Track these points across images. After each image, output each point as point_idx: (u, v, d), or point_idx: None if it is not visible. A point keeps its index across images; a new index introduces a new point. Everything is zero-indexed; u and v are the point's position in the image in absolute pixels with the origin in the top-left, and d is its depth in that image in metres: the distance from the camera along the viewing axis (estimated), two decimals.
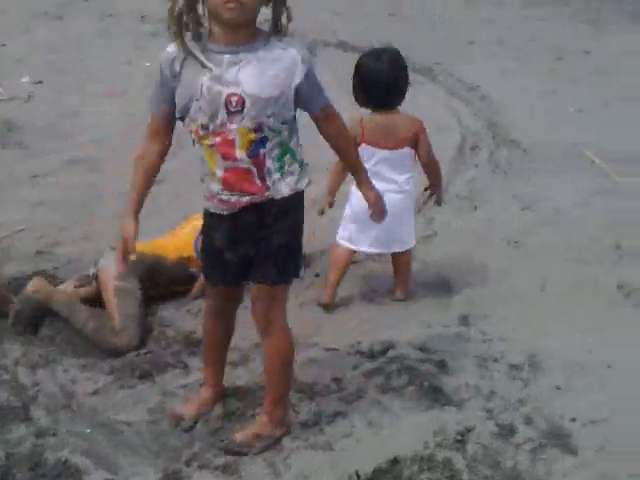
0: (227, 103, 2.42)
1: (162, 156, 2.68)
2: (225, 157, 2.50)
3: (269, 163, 2.53)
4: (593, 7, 10.05)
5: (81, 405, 2.92)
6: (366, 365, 3.24)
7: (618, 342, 3.39)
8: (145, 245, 3.61)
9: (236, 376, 3.13)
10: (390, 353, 3.32)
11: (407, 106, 3.90)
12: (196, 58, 2.42)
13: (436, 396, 3.04)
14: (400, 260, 3.78)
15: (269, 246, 2.63)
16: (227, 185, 2.54)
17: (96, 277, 3.54)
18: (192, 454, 2.70)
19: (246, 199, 2.56)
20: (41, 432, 2.70)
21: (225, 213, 2.60)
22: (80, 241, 4.17)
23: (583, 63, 7.65)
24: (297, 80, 2.48)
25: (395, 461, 2.67)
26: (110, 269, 3.43)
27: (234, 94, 2.41)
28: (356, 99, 3.60)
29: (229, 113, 2.43)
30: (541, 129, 5.90)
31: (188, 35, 2.43)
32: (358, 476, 2.62)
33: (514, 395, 3.06)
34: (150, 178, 2.69)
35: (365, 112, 3.62)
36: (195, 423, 2.85)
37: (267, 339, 2.76)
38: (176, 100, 2.49)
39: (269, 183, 2.56)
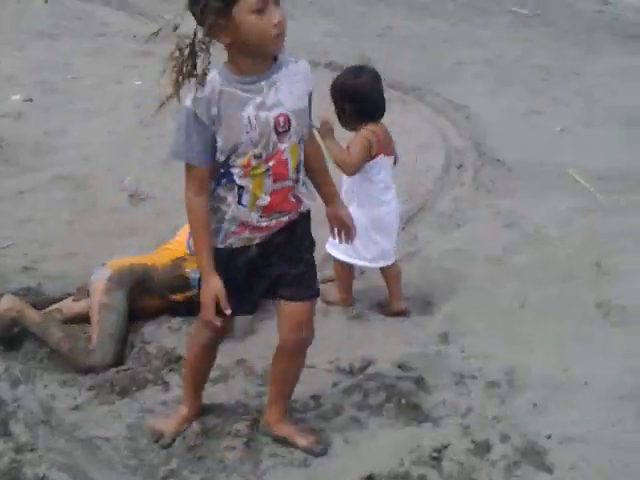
0: (276, 125, 2.44)
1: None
2: (277, 179, 2.51)
3: (301, 176, 2.59)
4: (582, 29, 10.16)
5: (60, 421, 2.94)
6: (345, 382, 3.27)
7: (595, 360, 3.42)
8: (135, 258, 3.72)
9: (215, 393, 3.16)
10: (369, 370, 3.35)
11: (394, 125, 3.97)
12: (234, 94, 2.40)
13: (413, 413, 3.07)
14: (395, 270, 3.84)
15: (302, 262, 2.68)
16: (270, 209, 2.54)
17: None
18: (169, 471, 2.73)
19: (285, 219, 2.59)
20: (20, 447, 2.71)
21: (257, 241, 2.60)
22: (66, 257, 4.21)
23: (569, 84, 7.72)
24: (310, 88, 2.56)
25: (370, 478, 2.70)
26: (98, 284, 3.47)
27: (280, 114, 2.44)
28: (346, 122, 3.65)
29: (278, 134, 2.46)
30: (525, 148, 5.95)
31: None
32: None
33: (491, 412, 3.08)
34: (210, 230, 2.56)
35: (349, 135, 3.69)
36: (173, 440, 2.87)
37: (302, 356, 2.89)
38: (220, 143, 2.43)
39: (301, 198, 2.62)
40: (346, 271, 3.84)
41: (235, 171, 2.47)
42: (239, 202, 2.51)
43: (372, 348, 3.53)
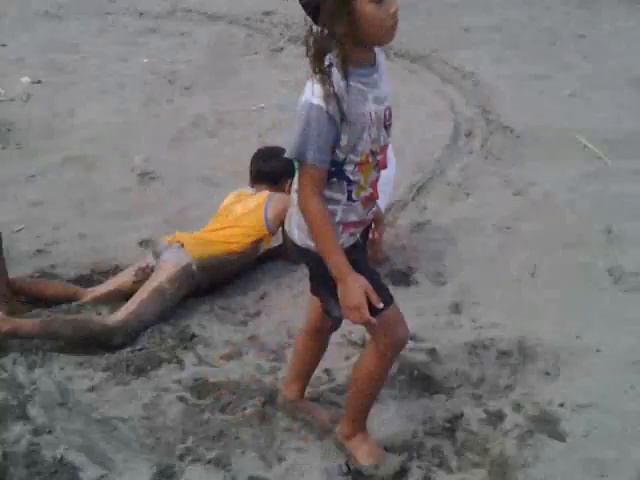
0: (385, 119, 2.37)
1: None
2: (379, 169, 2.45)
3: None
4: None
5: (77, 402, 2.98)
6: (356, 355, 3.29)
7: (607, 327, 3.43)
8: (210, 239, 3.70)
9: (229, 369, 3.19)
10: None
11: (401, 95, 3.91)
12: (358, 88, 2.27)
13: (426, 384, 3.09)
14: None
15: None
16: (369, 199, 2.46)
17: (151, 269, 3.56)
18: (185, 448, 2.75)
19: (374, 209, 2.56)
20: (38, 430, 2.77)
21: (356, 238, 2.51)
22: (78, 239, 4.21)
23: (577, 47, 7.64)
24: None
25: (385, 450, 2.72)
26: (170, 267, 3.48)
27: (387, 107, 2.37)
28: None
29: (386, 127, 2.39)
30: (534, 114, 5.92)
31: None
32: (348, 466, 2.67)
33: (503, 382, 3.11)
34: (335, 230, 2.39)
35: None
36: None
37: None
38: (344, 142, 2.27)
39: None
40: None
41: (349, 168, 2.33)
42: (349, 198, 2.39)
43: None
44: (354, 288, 2.29)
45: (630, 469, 2.67)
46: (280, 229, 3.82)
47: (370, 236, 2.90)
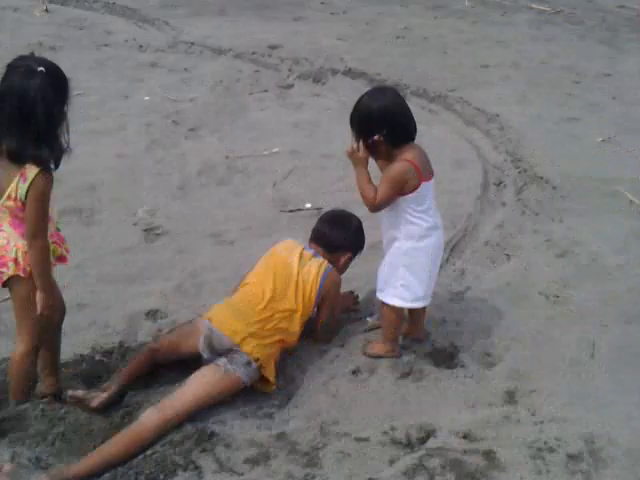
0: None
1: None
2: None
3: None
4: (606, 25, 9.70)
5: None
6: (404, 459, 2.84)
7: None
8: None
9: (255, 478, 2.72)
10: (430, 442, 2.92)
11: (423, 138, 3.49)
12: None
13: None
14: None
15: None
16: None
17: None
18: None
19: None
20: None
21: None
22: (76, 310, 3.64)
23: (603, 86, 7.26)
24: None
25: None
26: (233, 379, 3.08)
27: None
28: (377, 152, 3.20)
29: None
30: (568, 162, 5.51)
31: None
32: None
33: None
34: None
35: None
36: None
37: None
38: None
39: None
40: (397, 317, 3.38)
41: None
42: None
43: (430, 412, 3.10)
44: None
45: None
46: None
47: None
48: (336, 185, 5.11)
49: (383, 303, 3.34)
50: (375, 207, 3.21)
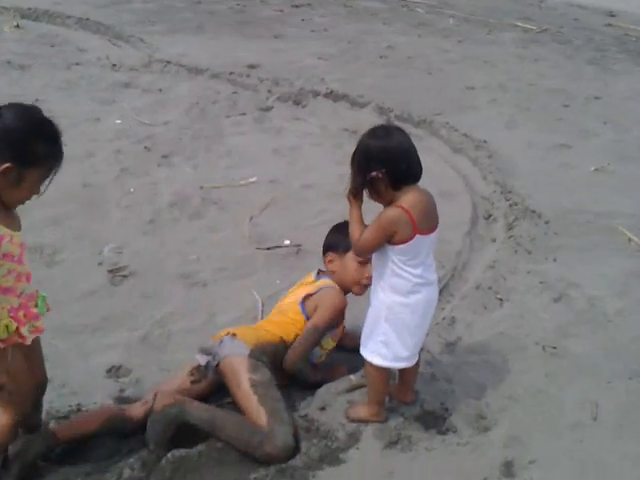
0: None
1: None
2: None
3: None
4: (593, 45, 9.52)
5: None
6: None
7: None
8: (262, 329, 3.36)
9: None
10: None
11: None
12: None
13: None
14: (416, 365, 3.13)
15: None
16: None
17: (215, 369, 3.14)
18: None
19: None
20: None
21: None
22: None
23: (593, 110, 7.04)
24: None
25: None
26: (238, 359, 3.10)
27: None
28: (376, 193, 2.89)
29: None
30: (560, 194, 5.25)
31: None
32: None
33: None
34: None
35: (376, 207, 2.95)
36: None
37: None
38: None
39: None
40: (381, 376, 3.08)
41: None
42: None
43: None
44: None
45: None
46: None
47: None
48: (318, 219, 4.79)
49: (367, 363, 3.04)
50: (357, 249, 2.92)
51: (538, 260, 4.43)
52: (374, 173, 2.80)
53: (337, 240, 3.49)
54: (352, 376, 3.35)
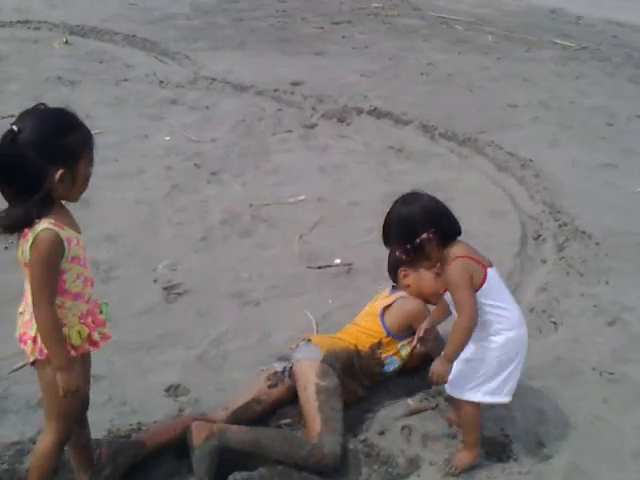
0: None
1: None
2: None
3: None
4: (633, 62, 9.46)
5: None
6: None
7: None
8: (337, 337, 3.46)
9: None
10: None
11: (454, 184, 3.22)
12: None
13: None
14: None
15: None
16: None
17: (289, 373, 3.24)
18: None
19: None
20: None
21: None
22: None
23: (637, 129, 7.00)
24: None
25: None
26: (310, 364, 3.19)
27: None
28: (419, 258, 2.90)
29: None
30: (607, 215, 5.23)
31: None
32: None
33: None
34: None
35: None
36: None
37: None
38: None
39: None
40: (478, 416, 3.05)
41: None
42: None
43: None
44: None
45: None
46: None
47: None
48: (366, 237, 4.80)
49: (464, 401, 3.00)
50: (466, 318, 2.81)
51: (590, 283, 4.41)
52: (424, 235, 2.81)
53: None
54: (410, 400, 3.37)
